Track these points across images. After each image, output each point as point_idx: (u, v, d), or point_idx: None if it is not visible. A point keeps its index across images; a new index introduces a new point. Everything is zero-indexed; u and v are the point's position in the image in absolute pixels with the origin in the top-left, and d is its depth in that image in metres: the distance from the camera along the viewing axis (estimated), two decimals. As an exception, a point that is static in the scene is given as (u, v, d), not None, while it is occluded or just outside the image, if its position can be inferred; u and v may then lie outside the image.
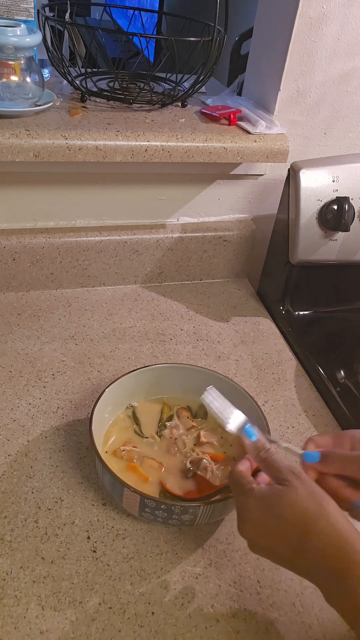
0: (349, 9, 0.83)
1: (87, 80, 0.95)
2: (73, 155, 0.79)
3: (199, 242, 0.99)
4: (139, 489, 0.53)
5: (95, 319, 0.90)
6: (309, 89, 0.90)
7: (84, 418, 0.71)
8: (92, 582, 0.54)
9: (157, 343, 0.86)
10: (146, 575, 0.55)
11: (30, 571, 0.54)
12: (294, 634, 0.52)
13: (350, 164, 0.86)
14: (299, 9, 0.81)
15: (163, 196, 0.97)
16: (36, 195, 0.90)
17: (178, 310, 0.95)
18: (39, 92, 0.81)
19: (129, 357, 0.83)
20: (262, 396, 0.79)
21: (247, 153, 0.87)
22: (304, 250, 0.87)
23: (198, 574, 0.56)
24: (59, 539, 0.57)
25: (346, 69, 0.89)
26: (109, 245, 0.94)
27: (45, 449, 0.67)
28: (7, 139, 0.75)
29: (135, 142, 0.81)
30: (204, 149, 0.85)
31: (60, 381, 0.77)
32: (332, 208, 0.84)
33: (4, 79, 0.78)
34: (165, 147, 0.83)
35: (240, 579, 0.56)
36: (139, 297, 0.97)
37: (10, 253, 0.89)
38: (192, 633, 0.51)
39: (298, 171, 0.84)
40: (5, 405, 0.72)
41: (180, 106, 0.95)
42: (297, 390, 0.81)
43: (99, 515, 0.60)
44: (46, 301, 0.92)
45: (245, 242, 1.02)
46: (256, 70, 0.96)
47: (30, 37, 0.76)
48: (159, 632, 0.51)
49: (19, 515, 0.59)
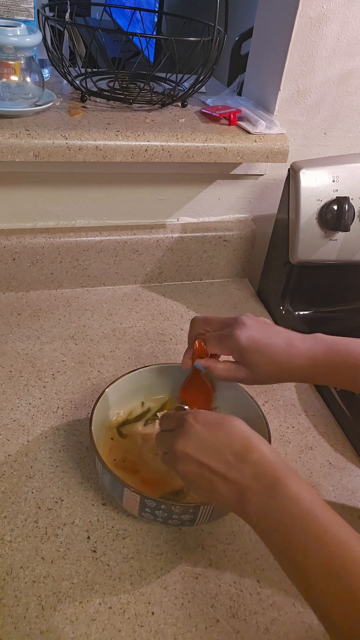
0: (349, 9, 0.83)
1: (87, 80, 0.95)
2: (73, 155, 0.79)
3: (199, 242, 0.99)
4: (139, 489, 0.53)
5: (95, 319, 0.90)
6: (309, 89, 0.90)
7: (84, 418, 0.71)
8: (92, 582, 0.54)
9: (157, 343, 0.86)
10: (146, 575, 0.55)
11: (30, 571, 0.54)
12: (294, 634, 0.52)
13: (350, 164, 0.86)
14: (299, 9, 0.81)
15: (163, 196, 0.97)
16: (36, 195, 0.90)
17: (178, 310, 0.95)
18: (39, 92, 0.81)
19: (129, 357, 0.83)
20: (262, 396, 0.79)
21: (247, 153, 0.87)
22: (304, 250, 0.87)
23: (198, 574, 0.56)
24: (59, 539, 0.57)
25: (346, 69, 0.89)
26: (109, 245, 0.94)
27: (45, 449, 0.67)
28: (7, 139, 0.75)
29: (135, 142, 0.81)
30: (204, 149, 0.85)
31: (60, 381, 0.77)
32: (332, 208, 0.84)
33: (4, 79, 0.78)
34: (165, 147, 0.83)
35: (240, 579, 0.56)
36: (139, 297, 0.97)
37: (10, 253, 0.89)
38: (192, 633, 0.51)
39: (298, 171, 0.84)
40: (5, 405, 0.72)
41: (180, 106, 0.95)
42: (297, 390, 0.81)
43: (99, 515, 0.60)
44: (46, 301, 0.92)
45: (245, 242, 1.02)
46: (256, 70, 0.96)
47: (30, 37, 0.76)
48: (159, 632, 0.51)
49: (19, 515, 0.59)
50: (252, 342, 0.57)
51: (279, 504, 0.42)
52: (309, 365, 0.56)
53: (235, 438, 0.47)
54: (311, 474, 0.68)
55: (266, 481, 0.44)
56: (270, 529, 0.43)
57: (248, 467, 0.45)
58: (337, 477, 0.68)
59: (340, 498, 0.66)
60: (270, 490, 0.43)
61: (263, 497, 0.43)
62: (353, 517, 0.64)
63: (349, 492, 0.66)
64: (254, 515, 0.44)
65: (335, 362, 0.56)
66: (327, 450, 0.72)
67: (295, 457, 0.70)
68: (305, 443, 0.73)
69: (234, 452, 0.46)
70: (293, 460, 0.70)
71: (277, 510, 0.42)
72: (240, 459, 0.45)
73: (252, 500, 0.44)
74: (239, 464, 0.45)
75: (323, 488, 0.67)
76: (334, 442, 0.73)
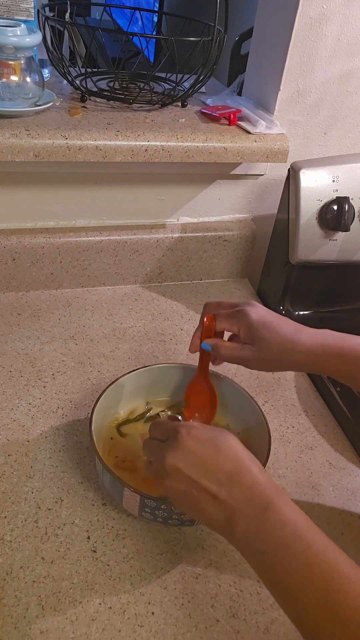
0: (349, 9, 0.83)
1: (87, 80, 0.95)
2: (73, 155, 0.79)
3: (199, 242, 0.99)
4: (139, 489, 0.53)
5: (95, 319, 0.90)
6: (309, 89, 0.90)
7: (84, 418, 0.71)
8: (92, 582, 0.54)
9: (157, 343, 0.86)
10: (146, 575, 0.55)
11: (30, 571, 0.54)
12: (294, 634, 0.52)
13: (350, 164, 0.86)
14: (299, 9, 0.81)
15: (163, 196, 0.97)
16: (36, 195, 0.90)
17: (178, 310, 0.95)
18: (39, 92, 0.81)
19: (129, 357, 0.83)
20: (262, 396, 0.79)
21: (247, 153, 0.87)
22: (304, 250, 0.87)
23: (198, 574, 0.56)
24: (59, 539, 0.57)
25: (346, 69, 0.89)
26: (109, 245, 0.94)
27: (45, 449, 0.67)
28: (7, 139, 0.75)
29: (135, 142, 0.81)
30: (204, 149, 0.85)
31: (60, 381, 0.77)
32: (332, 208, 0.84)
33: (4, 79, 0.78)
34: (165, 147, 0.83)
35: (240, 579, 0.56)
36: (139, 297, 0.97)
37: (10, 253, 0.89)
38: (192, 633, 0.51)
39: (298, 171, 0.84)
40: (5, 405, 0.72)
41: (180, 106, 0.95)
42: (297, 390, 0.81)
43: (99, 515, 0.60)
44: (46, 301, 0.92)
45: (245, 242, 1.02)
46: (256, 70, 0.96)
47: (30, 37, 0.76)
48: (159, 632, 0.51)
49: (19, 515, 0.59)
50: (261, 318, 0.58)
51: (268, 527, 0.42)
52: (317, 350, 0.56)
53: (228, 458, 0.46)
54: (311, 474, 0.68)
55: (257, 505, 0.43)
56: (258, 550, 0.42)
57: (239, 489, 0.44)
58: (337, 477, 0.68)
59: (340, 498, 0.66)
60: (261, 514, 0.42)
61: (253, 520, 0.43)
62: (353, 518, 0.64)
63: (349, 492, 0.66)
64: (241, 536, 0.43)
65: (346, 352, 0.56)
66: (327, 450, 0.72)
67: (295, 457, 0.70)
68: (305, 443, 0.73)
69: (226, 473, 0.45)
70: (293, 460, 0.70)
71: (266, 532, 0.42)
72: (231, 480, 0.44)
73: (241, 523, 0.43)
74: (230, 485, 0.44)
75: (323, 488, 0.67)
76: (334, 442, 0.73)
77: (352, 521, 0.63)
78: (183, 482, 0.45)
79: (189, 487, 0.45)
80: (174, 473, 0.46)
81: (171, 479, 0.46)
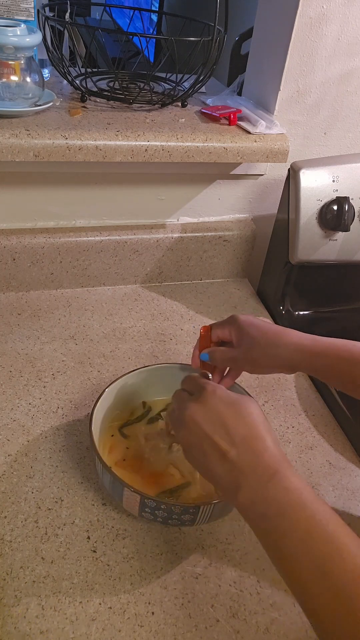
0: (349, 9, 0.83)
1: (87, 80, 0.95)
2: (73, 155, 0.79)
3: (199, 242, 0.99)
4: (139, 488, 0.53)
5: (95, 319, 0.90)
6: (309, 89, 0.90)
7: (84, 418, 0.71)
8: (92, 582, 0.54)
9: (157, 343, 0.86)
10: (146, 575, 0.55)
11: (30, 571, 0.54)
12: (294, 634, 0.52)
13: (350, 164, 0.86)
14: (299, 9, 0.81)
15: (163, 196, 0.97)
16: (36, 195, 0.90)
17: (178, 310, 0.95)
18: (39, 92, 0.81)
19: (129, 357, 0.83)
20: (262, 396, 0.79)
21: (247, 153, 0.87)
22: (304, 250, 0.87)
23: (198, 574, 0.56)
24: (59, 539, 0.57)
25: (346, 69, 0.89)
26: (109, 245, 0.94)
27: (45, 449, 0.67)
28: (7, 139, 0.75)
29: (135, 142, 0.81)
30: (204, 149, 0.85)
31: (60, 381, 0.77)
32: (332, 208, 0.84)
33: (4, 79, 0.78)
34: (165, 147, 0.83)
35: (240, 579, 0.56)
36: (139, 297, 0.97)
37: (10, 253, 0.89)
38: (192, 633, 0.51)
39: (298, 171, 0.84)
40: (5, 405, 0.72)
41: (180, 106, 0.95)
42: (297, 390, 0.81)
43: (99, 515, 0.60)
44: (46, 301, 0.92)
45: (245, 242, 1.02)
46: (256, 70, 0.96)
47: (30, 37, 0.76)
48: (159, 632, 0.51)
49: (19, 515, 0.59)
50: (249, 319, 0.61)
51: (272, 492, 0.43)
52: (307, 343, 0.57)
53: (245, 422, 0.47)
54: (311, 474, 0.68)
55: (264, 471, 0.44)
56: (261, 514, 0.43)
57: (249, 454, 0.45)
58: (337, 477, 0.68)
59: (340, 498, 0.66)
60: (267, 480, 0.43)
61: (258, 484, 0.43)
62: (353, 518, 0.64)
63: (349, 492, 0.66)
64: (244, 499, 0.44)
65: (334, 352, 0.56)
66: (327, 450, 0.72)
67: (295, 457, 0.70)
68: (305, 443, 0.73)
69: (240, 435, 0.46)
70: (293, 460, 0.70)
71: (270, 497, 0.42)
72: (244, 443, 0.46)
73: (245, 486, 0.44)
74: (242, 448, 0.45)
75: (323, 488, 0.67)
76: (334, 442, 0.73)
77: (352, 521, 0.63)
78: (197, 435, 0.47)
79: (201, 441, 0.47)
80: (191, 424, 0.48)
81: (187, 429, 0.48)
